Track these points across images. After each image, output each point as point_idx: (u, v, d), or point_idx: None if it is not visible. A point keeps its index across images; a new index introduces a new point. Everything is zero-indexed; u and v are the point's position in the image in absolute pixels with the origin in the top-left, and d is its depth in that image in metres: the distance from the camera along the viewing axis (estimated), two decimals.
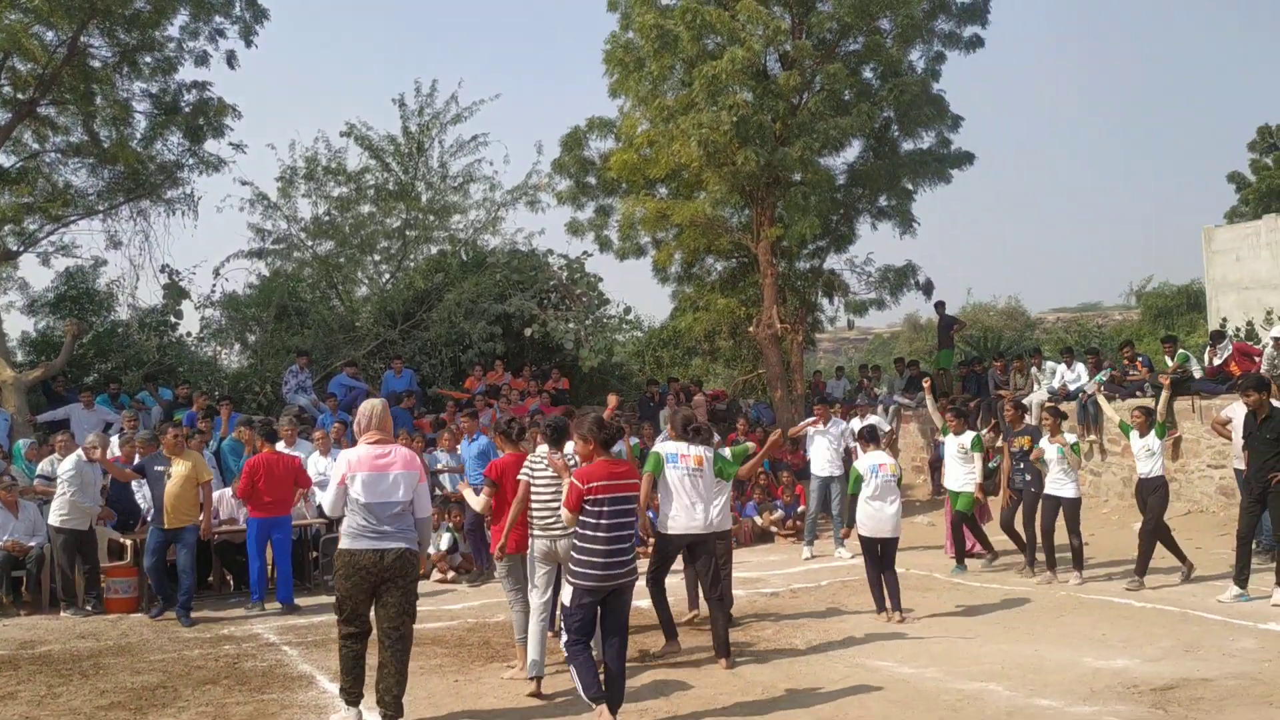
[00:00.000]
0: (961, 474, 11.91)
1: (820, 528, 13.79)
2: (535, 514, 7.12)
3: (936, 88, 18.40)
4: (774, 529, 15.04)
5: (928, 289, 19.96)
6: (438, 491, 13.99)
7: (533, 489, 7.12)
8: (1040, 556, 10.92)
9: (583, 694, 6.04)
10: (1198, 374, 14.48)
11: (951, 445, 12.09)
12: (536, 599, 7.15)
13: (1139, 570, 10.19)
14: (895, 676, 7.08)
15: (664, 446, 8.31)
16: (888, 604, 9.06)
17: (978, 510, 12.29)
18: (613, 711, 6.01)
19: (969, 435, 11.90)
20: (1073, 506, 10.60)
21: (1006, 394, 16.70)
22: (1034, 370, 16.69)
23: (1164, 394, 11.70)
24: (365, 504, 6.17)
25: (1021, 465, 11.33)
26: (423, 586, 11.96)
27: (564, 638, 6.15)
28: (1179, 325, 31.11)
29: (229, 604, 11.18)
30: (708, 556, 7.97)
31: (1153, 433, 10.70)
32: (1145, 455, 10.65)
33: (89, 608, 10.73)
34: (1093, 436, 15.32)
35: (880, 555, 9.18)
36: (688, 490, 7.96)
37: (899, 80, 17.43)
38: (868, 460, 9.47)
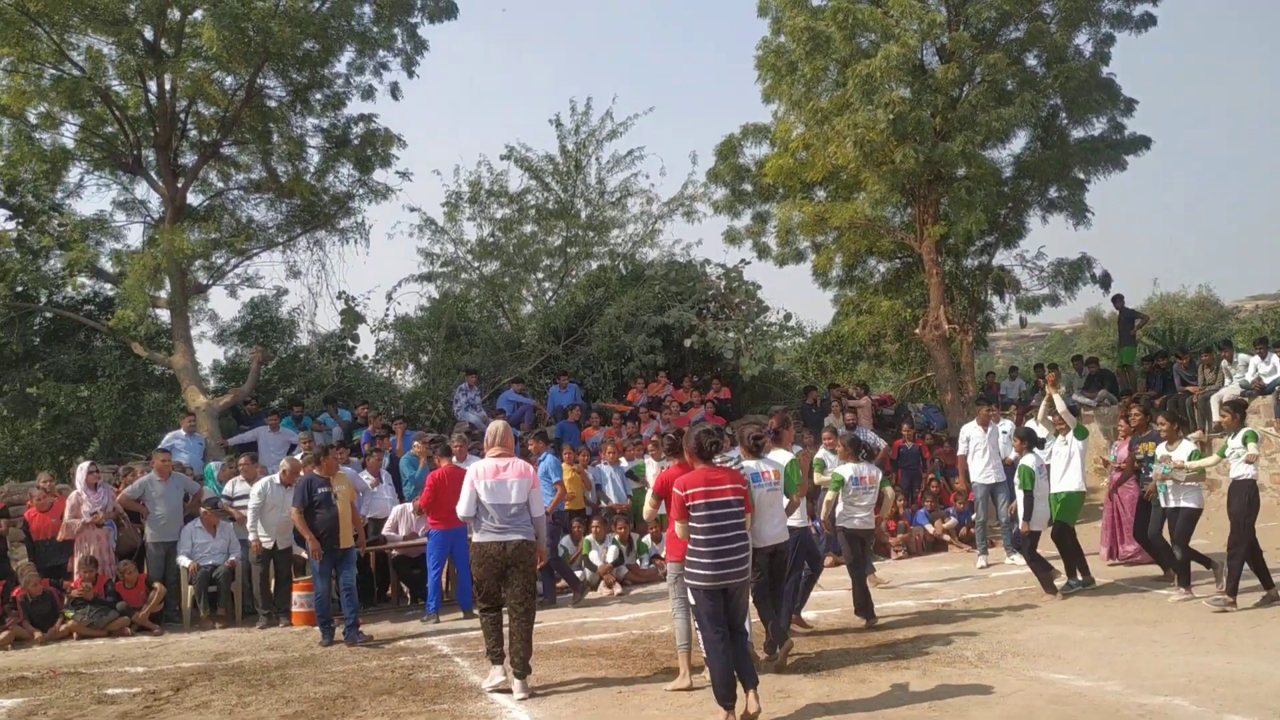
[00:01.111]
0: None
1: (994, 534, 13.31)
2: None
3: (1106, 71, 17.57)
4: (946, 537, 14.60)
5: (1105, 282, 19.02)
6: (603, 504, 14.20)
7: None
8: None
9: (715, 694, 6.39)
10: None
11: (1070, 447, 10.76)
12: None
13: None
14: (1072, 689, 6.74)
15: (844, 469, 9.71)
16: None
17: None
18: (748, 689, 6.43)
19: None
20: (1188, 518, 9.75)
21: (1195, 390, 15.76)
22: (1224, 364, 15.68)
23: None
24: (489, 504, 7.67)
25: (1147, 473, 10.49)
26: (588, 597, 12.23)
27: (702, 637, 6.56)
28: None
29: (406, 616, 11.58)
30: None
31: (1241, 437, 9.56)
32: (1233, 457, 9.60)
33: (281, 623, 11.36)
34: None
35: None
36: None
37: (1065, 66, 16.72)
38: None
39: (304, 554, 11.71)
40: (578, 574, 12.95)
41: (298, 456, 12.60)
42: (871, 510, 9.92)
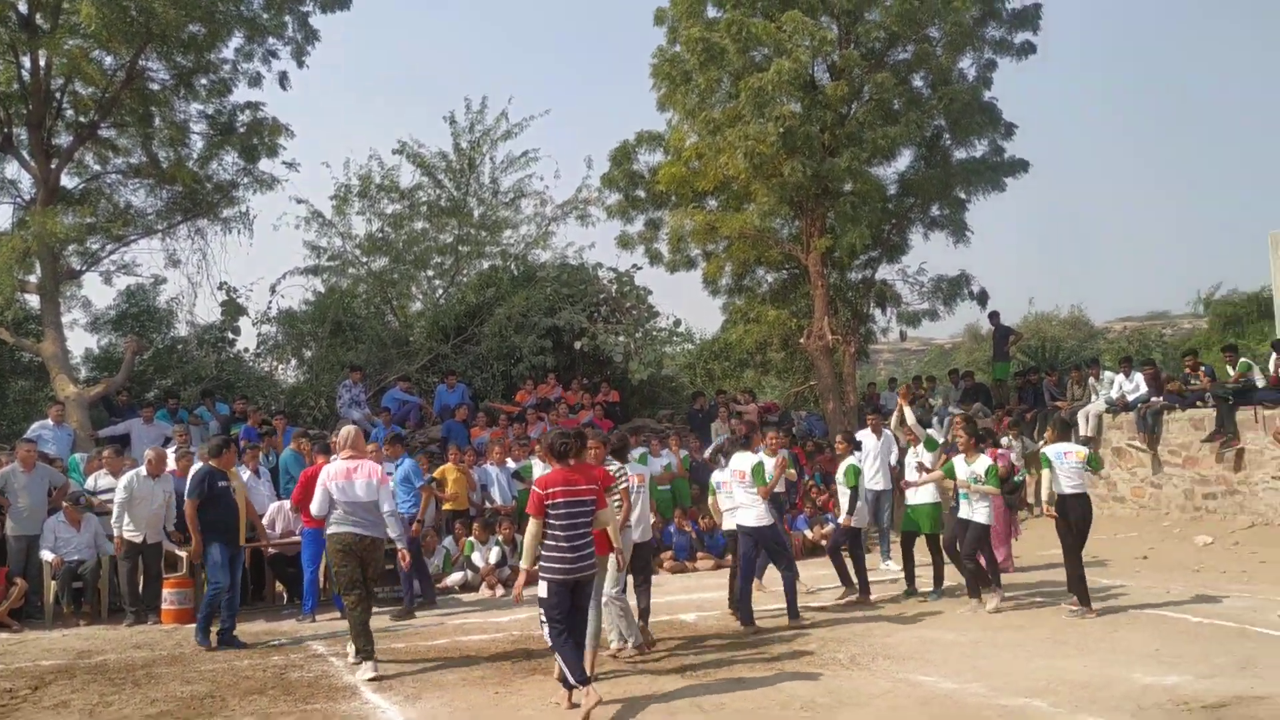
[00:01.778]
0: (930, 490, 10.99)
1: (871, 541, 13.64)
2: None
3: (988, 95, 18.20)
4: (824, 543, 14.88)
5: (982, 299, 19.70)
6: (487, 505, 14.12)
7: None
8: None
9: (570, 677, 6.74)
10: (1261, 383, 14.11)
11: (920, 459, 11.22)
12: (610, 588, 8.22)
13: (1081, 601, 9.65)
14: (938, 691, 6.97)
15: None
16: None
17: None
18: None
19: (983, 462, 10.19)
20: (978, 531, 9.97)
21: (1064, 405, 16.43)
22: (1091, 381, 16.40)
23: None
24: (341, 502, 8.35)
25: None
26: (469, 599, 12.15)
27: (545, 630, 6.98)
28: (1249, 333, 30.27)
29: (282, 616, 11.33)
30: None
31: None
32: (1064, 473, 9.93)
33: (150, 621, 10.98)
34: (1147, 447, 14.99)
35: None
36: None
37: (949, 89, 17.27)
38: None
39: (177, 550, 11.36)
40: (460, 575, 12.86)
41: (170, 450, 12.22)
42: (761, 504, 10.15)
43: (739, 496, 9.78)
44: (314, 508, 8.50)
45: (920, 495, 10.88)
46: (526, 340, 19.22)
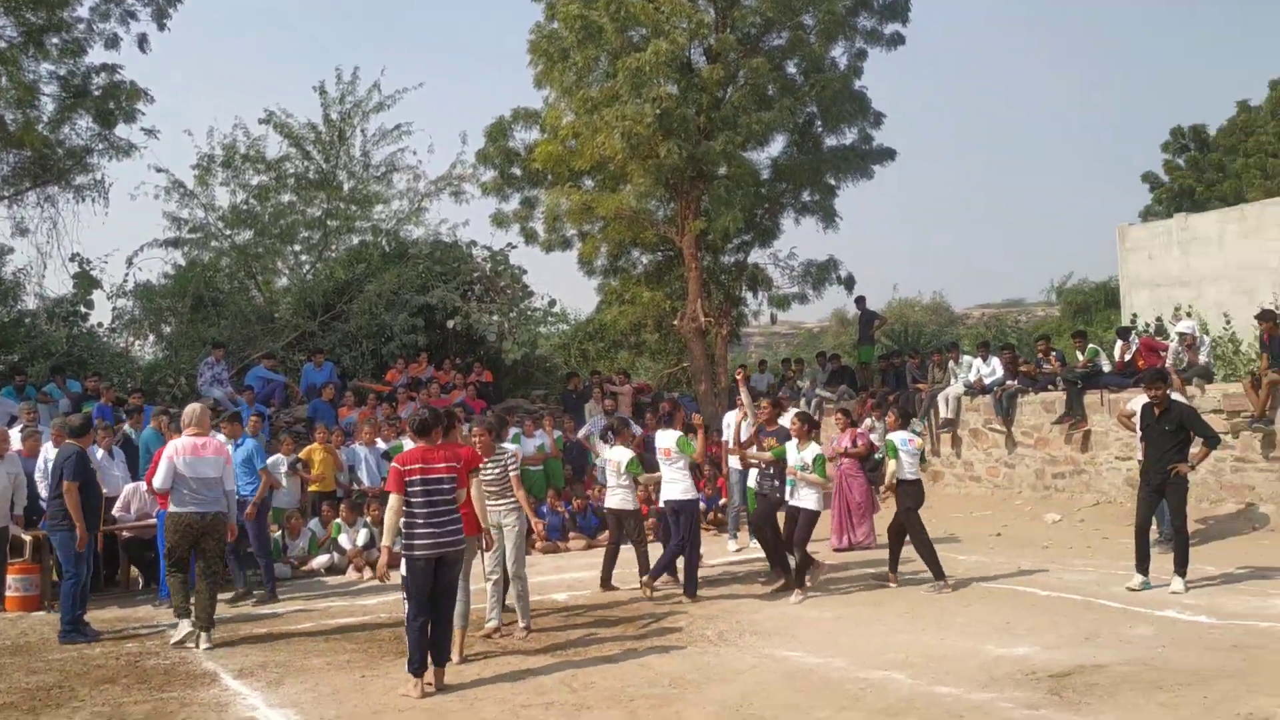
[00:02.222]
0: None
1: (743, 519, 13.84)
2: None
3: (859, 84, 18.63)
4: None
5: (849, 284, 20.22)
6: (355, 487, 13.85)
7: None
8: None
9: (409, 664, 6.81)
10: (1107, 368, 14.83)
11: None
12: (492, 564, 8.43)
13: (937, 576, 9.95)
14: (802, 666, 7.15)
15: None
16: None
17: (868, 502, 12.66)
18: (439, 663, 6.94)
19: (812, 450, 9.90)
20: (808, 519, 9.81)
21: (924, 387, 16.98)
22: (951, 364, 16.98)
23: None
24: (187, 478, 8.55)
25: (770, 470, 10.45)
26: (335, 581, 11.93)
27: (407, 609, 6.96)
28: (1097, 321, 31.82)
29: (136, 601, 10.91)
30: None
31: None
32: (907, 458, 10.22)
33: None
34: (1002, 428, 15.62)
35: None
36: None
37: (821, 76, 17.60)
38: None
39: (23, 535, 10.78)
40: (326, 558, 12.59)
41: (15, 429, 11.60)
42: (630, 490, 10.49)
43: (666, 473, 10.08)
44: (157, 482, 8.70)
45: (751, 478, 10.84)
46: (398, 318, 18.87)
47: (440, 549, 6.94)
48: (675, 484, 10.03)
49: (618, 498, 10.50)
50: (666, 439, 10.17)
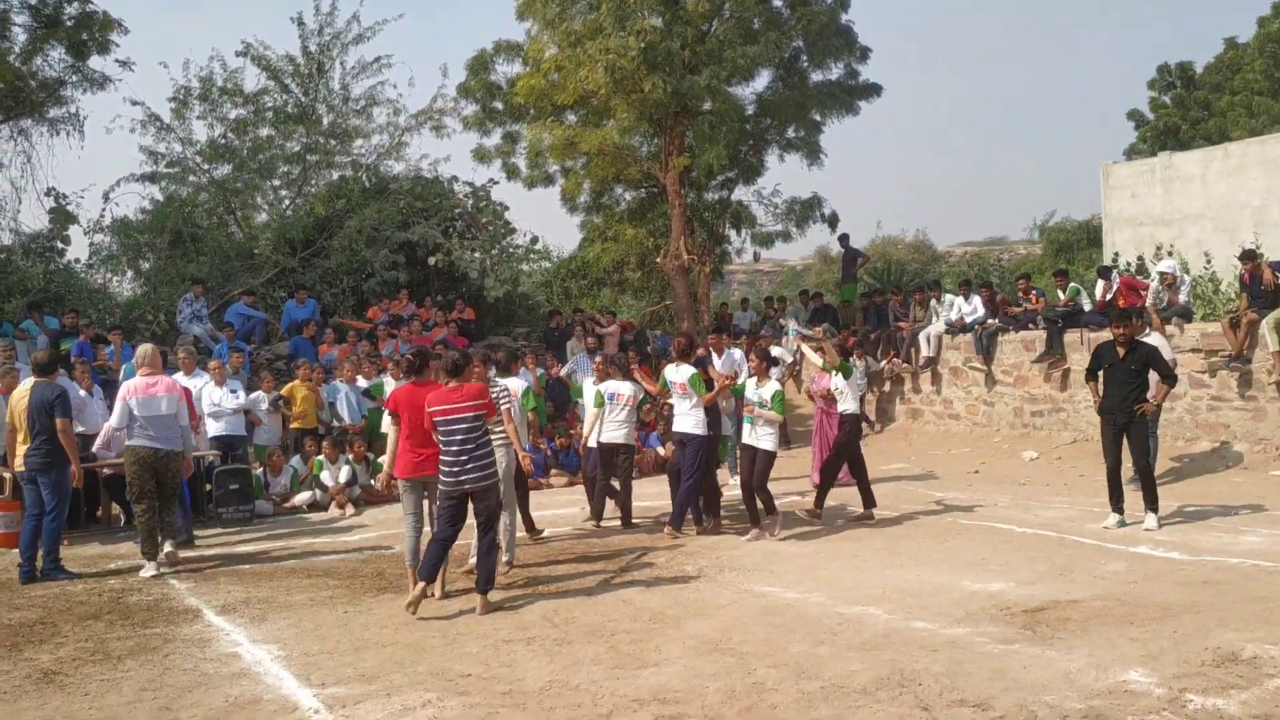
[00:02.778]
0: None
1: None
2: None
3: (845, 18, 18.42)
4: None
5: (833, 221, 20.18)
6: (335, 424, 13.85)
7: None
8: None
9: (420, 570, 7.30)
10: (1087, 307, 14.87)
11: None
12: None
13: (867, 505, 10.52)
14: (780, 601, 7.24)
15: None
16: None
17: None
18: (482, 589, 7.27)
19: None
20: (766, 460, 9.63)
21: (906, 325, 17.01)
22: (933, 303, 17.00)
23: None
24: (140, 416, 9.01)
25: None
26: (317, 518, 11.98)
27: (434, 529, 7.45)
28: (1079, 259, 31.88)
29: (117, 539, 10.93)
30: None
31: (840, 374, 10.60)
32: (838, 394, 10.67)
33: None
34: (982, 366, 15.69)
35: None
36: None
37: (808, 10, 17.40)
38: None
39: (4, 473, 10.73)
40: (308, 494, 12.63)
41: None
42: (624, 425, 10.57)
43: (678, 405, 10.11)
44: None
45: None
46: (378, 255, 18.74)
47: (460, 485, 7.23)
48: (686, 417, 10.03)
49: (617, 432, 10.53)
50: (681, 373, 10.06)
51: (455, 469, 7.24)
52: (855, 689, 5.25)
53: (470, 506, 7.34)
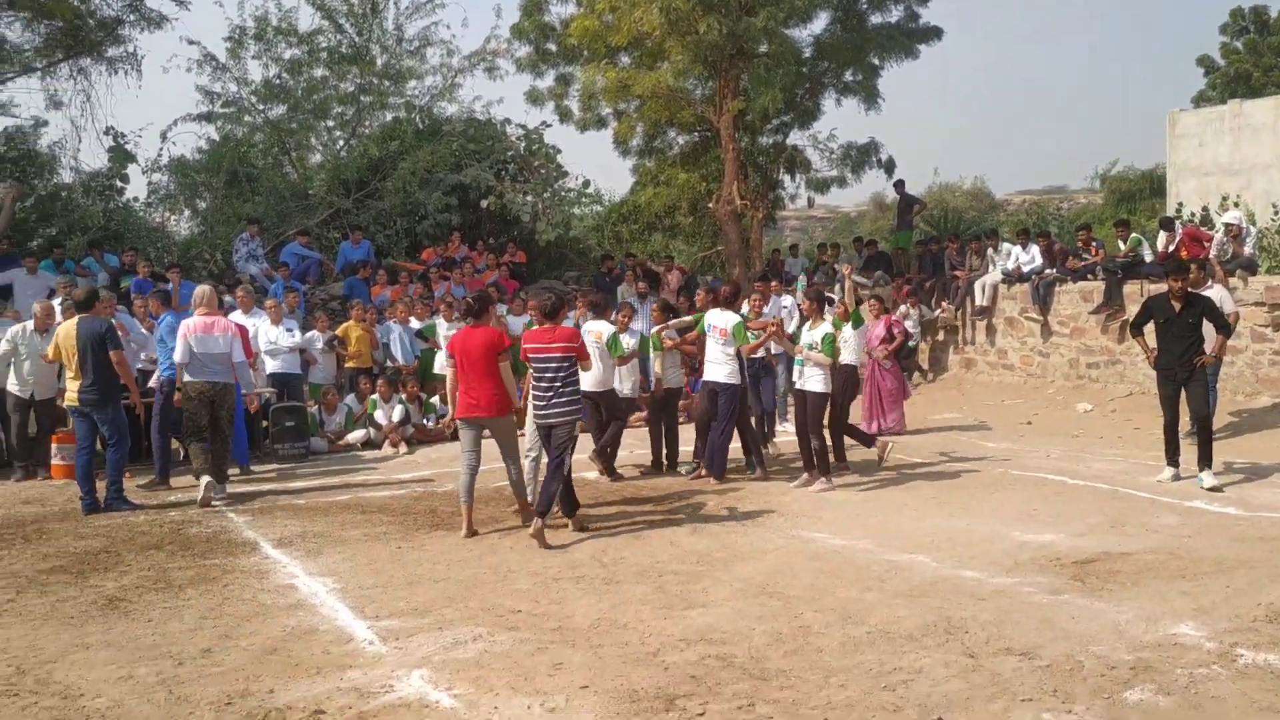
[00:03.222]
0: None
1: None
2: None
3: None
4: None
5: (889, 167, 19.85)
6: (388, 364, 14.00)
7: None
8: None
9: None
10: (1149, 258, 14.56)
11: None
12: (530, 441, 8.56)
13: (837, 458, 10.10)
14: (828, 547, 7.26)
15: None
16: None
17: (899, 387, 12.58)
18: (541, 515, 7.54)
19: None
20: (817, 403, 9.47)
21: (962, 274, 16.79)
22: (990, 251, 16.73)
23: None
24: (197, 353, 9.45)
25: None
26: (371, 456, 12.17)
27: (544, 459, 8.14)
28: (1140, 209, 31.18)
29: (176, 472, 11.17)
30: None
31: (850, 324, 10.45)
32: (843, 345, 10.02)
33: (40, 476, 10.76)
34: (1038, 317, 15.47)
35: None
36: None
37: None
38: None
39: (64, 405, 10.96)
40: (363, 433, 12.81)
41: (55, 301, 11.74)
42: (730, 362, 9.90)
43: (713, 352, 9.81)
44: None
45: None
46: (431, 197, 18.80)
47: (546, 418, 7.82)
48: (721, 366, 9.71)
49: (721, 369, 9.79)
50: (725, 319, 9.74)
51: (541, 404, 7.80)
52: (901, 635, 5.27)
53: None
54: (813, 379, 9.46)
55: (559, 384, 7.76)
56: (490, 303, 8.34)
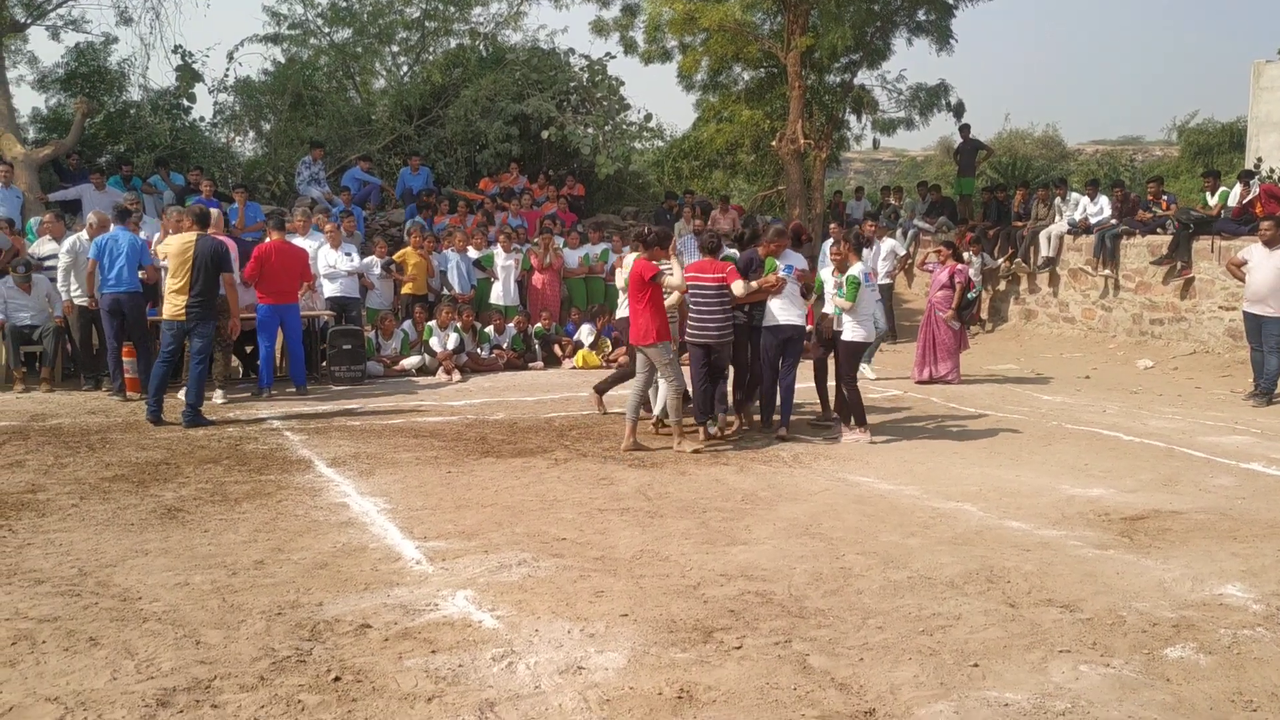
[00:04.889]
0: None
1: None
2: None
3: None
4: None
5: (958, 111, 19.43)
6: (445, 291, 14.11)
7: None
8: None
9: (695, 412, 8.96)
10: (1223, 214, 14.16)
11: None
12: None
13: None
14: (874, 491, 7.25)
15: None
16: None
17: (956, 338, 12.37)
18: (699, 420, 8.92)
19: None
20: (846, 351, 9.19)
21: (1026, 224, 16.46)
22: (1057, 201, 16.37)
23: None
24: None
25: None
26: (425, 382, 12.32)
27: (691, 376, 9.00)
28: (1218, 163, 30.19)
29: (237, 391, 11.42)
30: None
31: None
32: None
33: (105, 387, 11.03)
34: (1107, 271, 15.16)
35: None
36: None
37: None
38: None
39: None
40: (418, 359, 12.96)
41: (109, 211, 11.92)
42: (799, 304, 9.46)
43: (789, 292, 9.13)
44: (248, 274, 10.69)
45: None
46: (492, 126, 18.75)
47: (703, 338, 8.87)
48: (791, 309, 9.15)
49: (793, 312, 9.23)
50: (797, 260, 9.31)
51: (699, 325, 8.84)
52: (942, 581, 5.27)
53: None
54: (847, 326, 9.15)
55: (715, 308, 8.79)
56: (667, 237, 8.84)
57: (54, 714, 3.68)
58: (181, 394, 9.52)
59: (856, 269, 9.08)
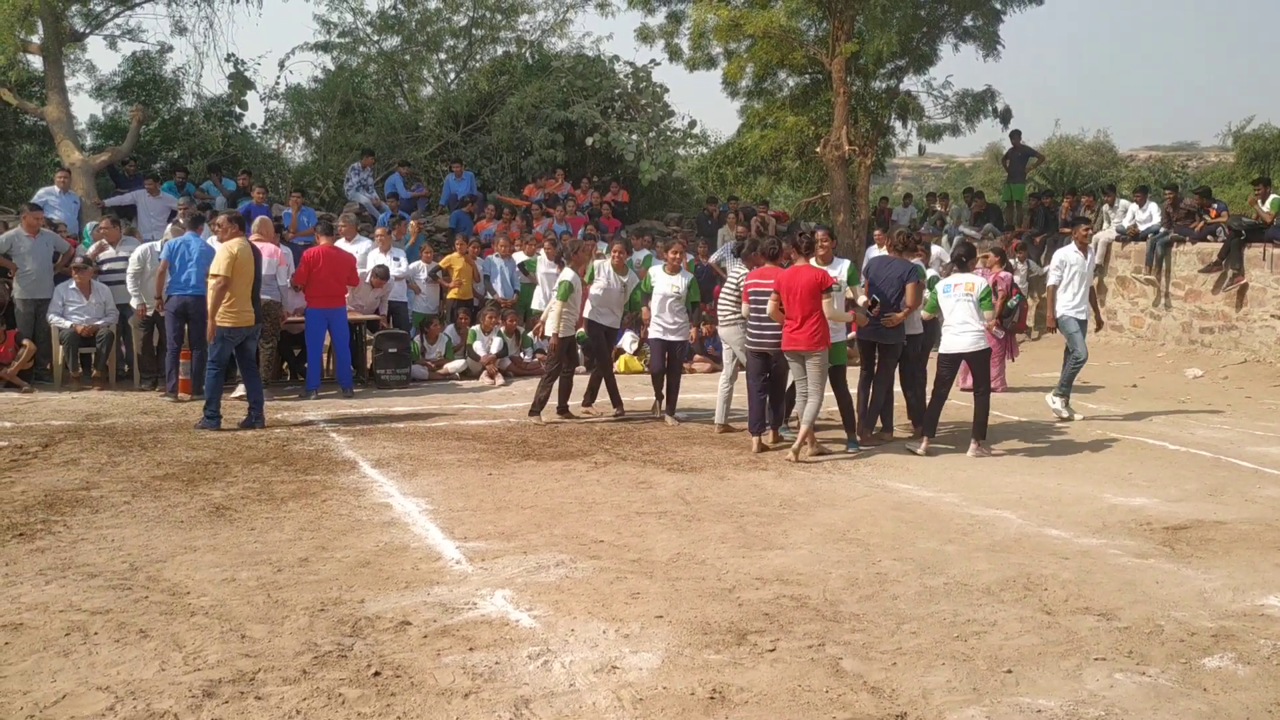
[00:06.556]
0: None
1: None
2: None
3: None
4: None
5: (1006, 117, 19.23)
6: (489, 296, 14.25)
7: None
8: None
9: (749, 425, 9.01)
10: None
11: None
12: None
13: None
14: (913, 498, 7.24)
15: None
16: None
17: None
18: (773, 427, 9.17)
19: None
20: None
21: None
22: (1105, 208, 16.20)
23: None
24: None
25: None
26: (469, 385, 12.46)
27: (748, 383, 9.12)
28: (1274, 170, 29.66)
29: (285, 393, 11.62)
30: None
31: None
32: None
33: (159, 388, 11.29)
34: (1151, 277, 14.97)
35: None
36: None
37: None
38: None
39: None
40: (461, 363, 13.11)
41: (168, 226, 12.20)
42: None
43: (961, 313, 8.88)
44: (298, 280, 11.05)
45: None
46: (538, 133, 18.90)
47: (761, 345, 8.87)
48: (971, 333, 8.83)
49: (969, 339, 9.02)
50: (838, 269, 9.06)
51: (758, 332, 8.89)
52: (979, 588, 5.26)
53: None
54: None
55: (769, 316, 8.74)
56: (780, 249, 9.08)
57: (105, 702, 3.81)
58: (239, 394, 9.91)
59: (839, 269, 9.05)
